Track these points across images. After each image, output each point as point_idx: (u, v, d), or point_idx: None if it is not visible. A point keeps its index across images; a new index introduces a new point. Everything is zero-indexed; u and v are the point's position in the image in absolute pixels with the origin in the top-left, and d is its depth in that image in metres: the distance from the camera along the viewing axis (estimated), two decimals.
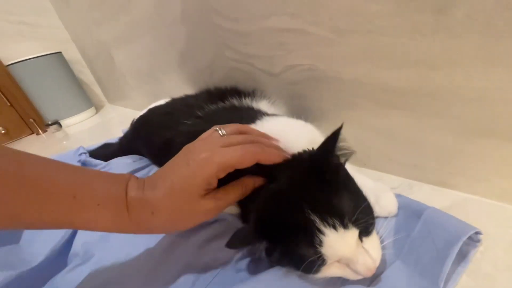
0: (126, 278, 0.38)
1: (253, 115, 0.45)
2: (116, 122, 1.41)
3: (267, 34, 0.48)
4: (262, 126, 0.39)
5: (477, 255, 0.30)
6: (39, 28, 1.52)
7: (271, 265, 0.33)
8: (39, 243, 0.51)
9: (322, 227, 0.25)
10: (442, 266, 0.27)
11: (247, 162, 0.29)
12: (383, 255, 0.29)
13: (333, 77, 0.43)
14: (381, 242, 0.30)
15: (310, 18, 0.40)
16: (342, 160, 0.32)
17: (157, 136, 0.57)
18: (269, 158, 0.30)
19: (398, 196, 0.38)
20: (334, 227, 0.25)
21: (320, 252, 0.26)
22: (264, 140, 0.33)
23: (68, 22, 1.51)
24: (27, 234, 0.55)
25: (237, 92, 0.56)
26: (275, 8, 0.44)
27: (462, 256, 0.29)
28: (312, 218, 0.26)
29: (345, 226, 0.25)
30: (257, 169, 0.30)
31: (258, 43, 0.51)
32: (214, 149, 0.28)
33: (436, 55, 0.31)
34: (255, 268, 0.34)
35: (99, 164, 0.73)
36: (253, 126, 0.40)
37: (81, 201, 0.25)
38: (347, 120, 0.46)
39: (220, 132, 0.32)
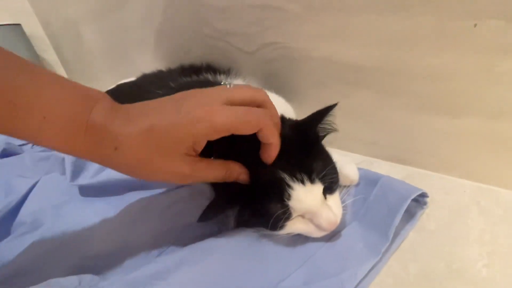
0: (78, 244, 0.36)
1: None
2: None
3: (245, 9, 0.49)
4: None
5: (423, 216, 0.33)
6: None
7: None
8: None
9: (291, 182, 0.27)
10: (392, 221, 0.29)
11: (247, 130, 0.24)
12: (342, 216, 0.31)
13: (305, 55, 0.45)
14: (342, 203, 0.31)
15: None
16: (322, 133, 0.33)
17: None
18: (272, 133, 0.26)
19: (359, 169, 0.40)
20: (302, 182, 0.27)
21: (287, 206, 0.27)
22: (273, 109, 0.28)
23: None
24: None
25: (211, 69, 0.56)
26: None
27: (411, 216, 0.32)
28: (282, 176, 0.27)
29: (312, 181, 0.27)
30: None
31: (236, 18, 0.52)
32: (214, 105, 0.24)
33: (398, 33, 0.34)
34: (215, 232, 0.34)
35: None
36: None
37: (21, 108, 0.20)
38: (315, 99, 0.49)
39: (227, 85, 0.27)
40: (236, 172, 0.28)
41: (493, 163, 0.35)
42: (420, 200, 0.33)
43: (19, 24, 1.36)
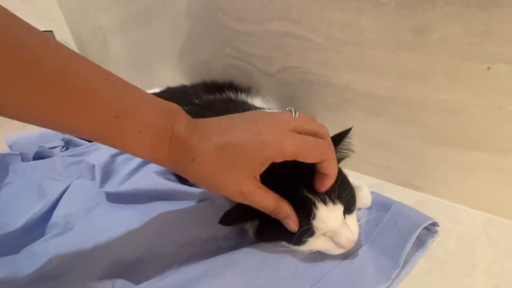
0: (108, 249, 0.39)
1: (247, 108, 0.48)
2: None
3: (269, 36, 0.52)
4: None
5: (434, 244, 0.34)
6: (33, 4, 1.48)
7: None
8: (15, 214, 0.50)
9: (317, 203, 0.29)
10: (403, 248, 0.31)
11: (312, 159, 0.26)
12: (358, 236, 0.33)
13: (324, 81, 0.48)
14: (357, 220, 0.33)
15: (309, 25, 0.45)
16: (341, 156, 0.36)
17: None
18: (333, 165, 0.27)
19: (372, 192, 0.42)
20: (325, 202, 0.29)
21: (311, 224, 0.29)
22: (332, 144, 0.29)
23: (64, 2, 1.48)
24: (3, 203, 0.53)
25: (233, 87, 0.59)
26: (279, 13, 0.48)
27: (421, 244, 0.34)
28: (309, 196, 0.29)
29: (333, 202, 0.29)
30: None
31: (259, 43, 0.55)
32: (284, 130, 0.26)
33: (413, 69, 0.37)
34: (234, 246, 0.37)
35: (84, 144, 0.73)
36: None
37: (122, 123, 0.23)
38: (331, 122, 0.51)
39: (293, 113, 0.29)
40: (284, 213, 0.28)
41: (504, 196, 0.36)
42: (431, 228, 0.35)
43: (51, 31, 1.45)
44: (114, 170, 0.56)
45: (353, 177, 0.49)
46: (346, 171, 0.51)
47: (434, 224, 0.34)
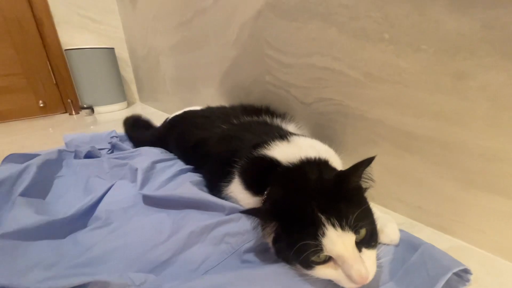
0: (136, 247, 0.42)
1: (283, 133, 0.51)
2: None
3: (308, 69, 0.56)
4: (294, 141, 0.46)
5: None
6: (101, 24, 1.73)
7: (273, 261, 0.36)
8: (63, 204, 0.57)
9: (326, 224, 0.30)
10: None
11: None
12: (378, 274, 0.32)
13: (359, 115, 0.50)
14: (378, 258, 0.33)
15: (349, 62, 0.48)
16: (363, 186, 0.36)
17: (191, 134, 0.64)
18: None
19: (400, 230, 0.41)
20: (334, 226, 0.30)
21: (320, 241, 0.30)
22: None
23: (127, 24, 1.70)
24: (55, 193, 0.60)
25: (270, 112, 0.63)
26: (321, 49, 0.52)
27: None
28: (319, 215, 0.31)
29: (342, 228, 0.30)
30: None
31: (298, 74, 0.59)
32: None
33: (451, 112, 0.37)
34: (258, 262, 0.38)
35: (128, 149, 0.81)
36: (285, 142, 0.46)
37: None
38: (365, 155, 0.52)
39: None
40: None
41: None
42: (463, 275, 0.33)
43: (112, 48, 1.67)
44: (153, 175, 0.61)
45: (382, 212, 0.49)
46: (373, 204, 0.51)
47: (467, 272, 0.33)
